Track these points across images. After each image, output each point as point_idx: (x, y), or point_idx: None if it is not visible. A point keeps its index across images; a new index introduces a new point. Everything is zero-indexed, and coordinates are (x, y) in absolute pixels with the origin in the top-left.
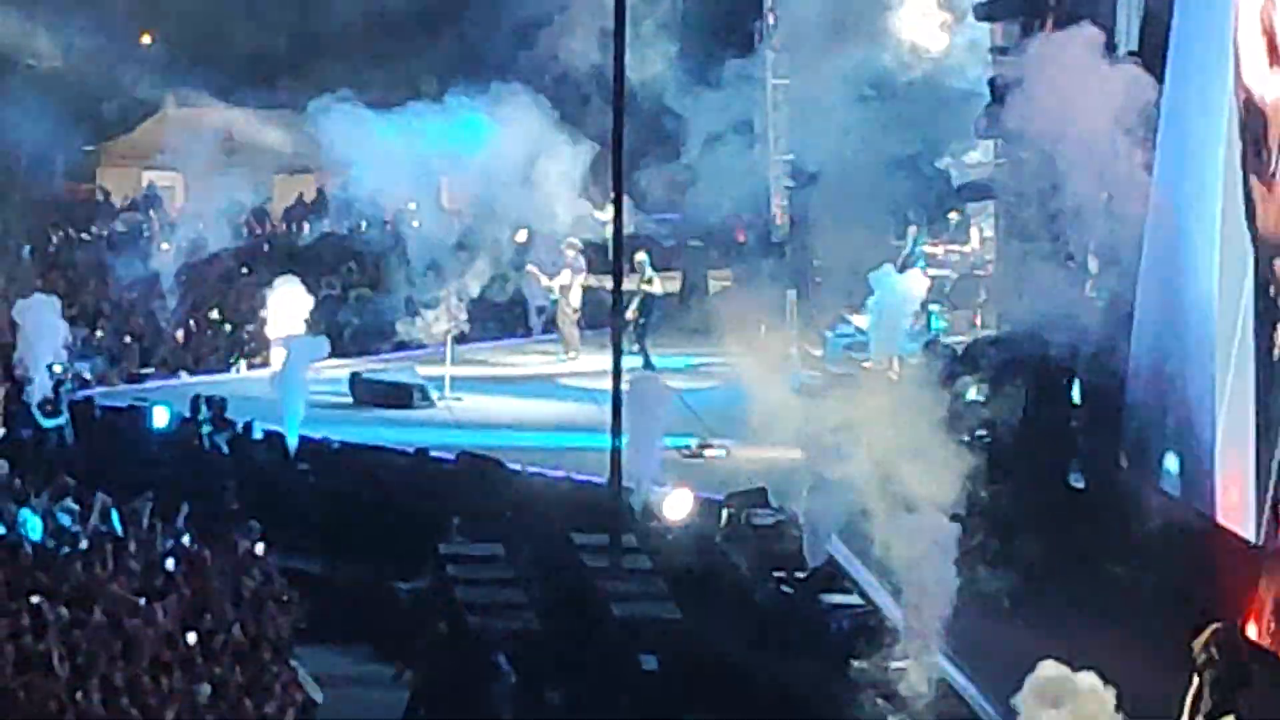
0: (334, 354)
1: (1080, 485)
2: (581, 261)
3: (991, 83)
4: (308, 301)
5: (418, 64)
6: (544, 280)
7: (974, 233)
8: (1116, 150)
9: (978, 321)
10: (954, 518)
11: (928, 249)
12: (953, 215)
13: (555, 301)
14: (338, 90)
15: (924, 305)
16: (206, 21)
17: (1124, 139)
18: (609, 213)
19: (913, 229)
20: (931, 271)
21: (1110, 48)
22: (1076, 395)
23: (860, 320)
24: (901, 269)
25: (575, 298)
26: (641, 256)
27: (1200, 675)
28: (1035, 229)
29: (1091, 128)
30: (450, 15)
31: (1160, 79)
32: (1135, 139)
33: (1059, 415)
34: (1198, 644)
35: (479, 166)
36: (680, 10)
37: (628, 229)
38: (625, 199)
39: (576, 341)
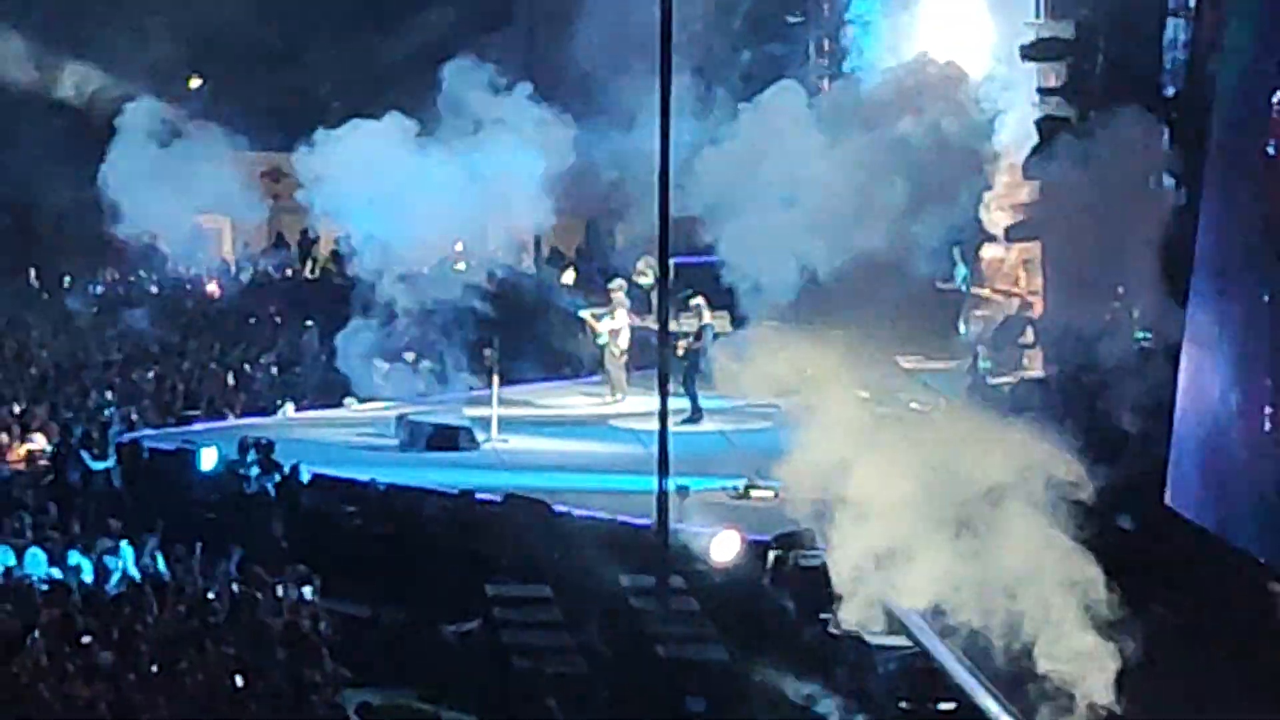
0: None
1: (1128, 526)
2: (629, 304)
3: (1039, 124)
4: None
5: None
6: (595, 325)
7: (1021, 274)
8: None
9: (1024, 362)
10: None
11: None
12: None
13: (603, 344)
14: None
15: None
16: (254, 66)
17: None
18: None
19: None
20: (978, 313)
21: (1157, 89)
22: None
23: (908, 362)
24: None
25: (624, 339)
26: (699, 300)
27: None
28: (1081, 270)
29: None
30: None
31: (1204, 123)
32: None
33: (1105, 456)
34: None
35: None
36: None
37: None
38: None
39: (624, 383)
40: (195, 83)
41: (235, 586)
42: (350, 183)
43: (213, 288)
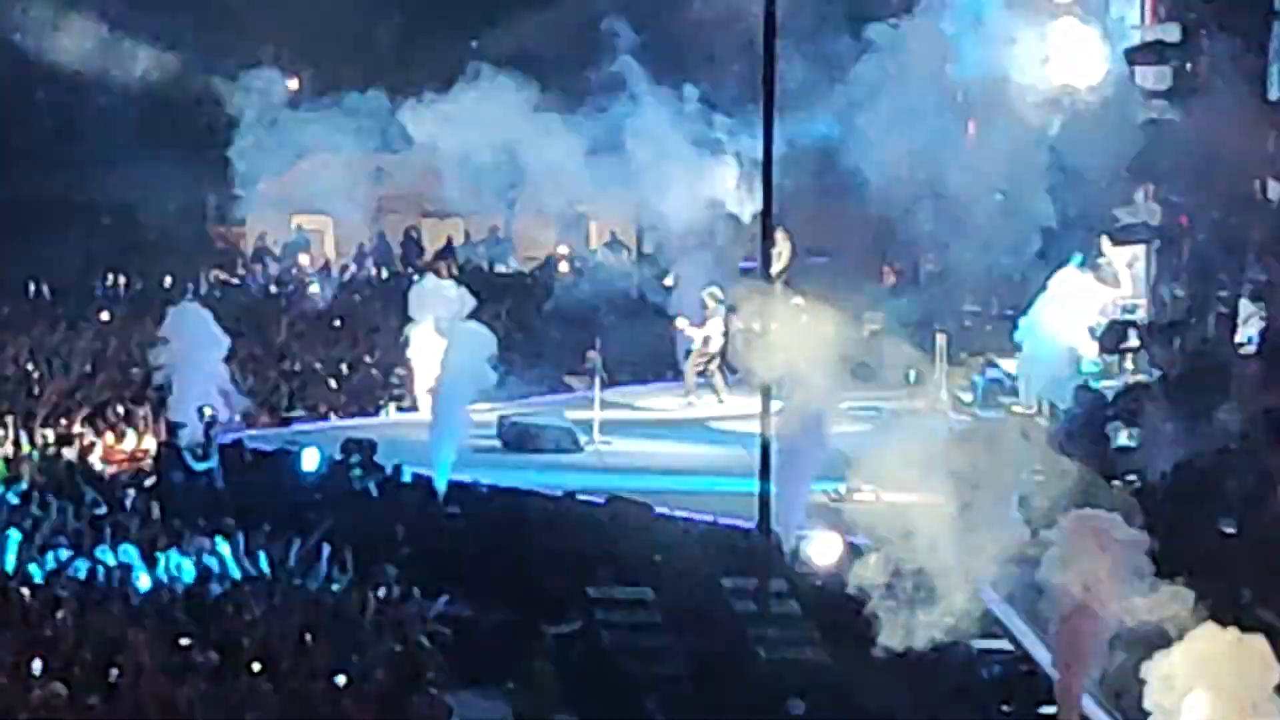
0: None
1: (1231, 530)
2: (723, 310)
3: (1144, 127)
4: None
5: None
6: (689, 330)
7: (1126, 276)
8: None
9: (1128, 365)
10: None
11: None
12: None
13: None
14: None
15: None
16: (354, 65)
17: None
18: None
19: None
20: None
21: (1262, 90)
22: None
23: (1009, 364)
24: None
25: (715, 346)
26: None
27: None
28: (1189, 273)
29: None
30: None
31: None
32: None
33: (1210, 459)
34: None
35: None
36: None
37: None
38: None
39: (694, 386)
40: (294, 84)
41: (336, 587)
42: (464, 173)
43: (315, 288)
